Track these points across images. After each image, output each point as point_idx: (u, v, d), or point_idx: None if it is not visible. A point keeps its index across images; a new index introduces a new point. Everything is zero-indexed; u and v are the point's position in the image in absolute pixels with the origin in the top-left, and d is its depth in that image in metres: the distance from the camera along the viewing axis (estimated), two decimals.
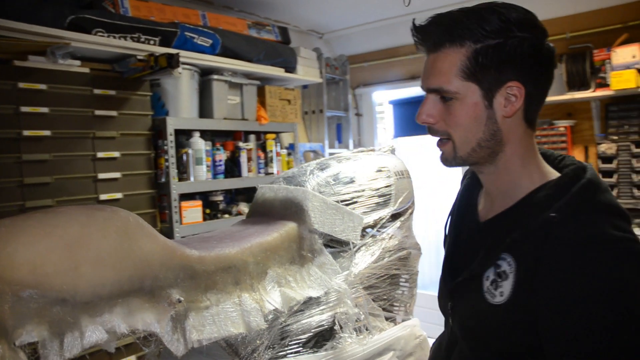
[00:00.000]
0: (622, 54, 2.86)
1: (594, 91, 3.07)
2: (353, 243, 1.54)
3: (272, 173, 3.12)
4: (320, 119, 4.05)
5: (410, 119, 4.47)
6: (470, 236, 1.00)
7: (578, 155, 3.29)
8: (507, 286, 0.84)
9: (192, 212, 2.58)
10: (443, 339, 1.08)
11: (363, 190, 1.62)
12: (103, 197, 2.24)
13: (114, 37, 2.20)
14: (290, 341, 1.32)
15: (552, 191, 0.84)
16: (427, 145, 4.48)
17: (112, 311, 1.00)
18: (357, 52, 4.33)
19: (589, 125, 3.27)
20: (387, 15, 3.82)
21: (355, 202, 1.59)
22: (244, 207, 2.95)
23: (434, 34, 0.88)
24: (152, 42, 2.35)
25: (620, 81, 2.86)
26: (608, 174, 3.08)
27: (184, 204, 2.54)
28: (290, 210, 1.49)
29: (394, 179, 1.71)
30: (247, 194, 3.16)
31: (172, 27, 2.42)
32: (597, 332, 0.74)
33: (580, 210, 0.80)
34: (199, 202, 2.63)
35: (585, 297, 0.75)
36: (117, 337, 1.00)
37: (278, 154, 3.18)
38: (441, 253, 1.10)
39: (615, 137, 3.07)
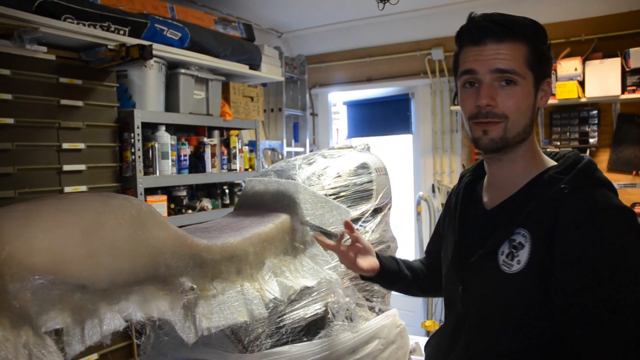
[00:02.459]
0: (566, 67, 3.11)
1: None
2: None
3: (235, 170, 3.12)
4: (278, 117, 4.07)
5: (364, 120, 4.59)
6: (477, 225, 1.10)
7: None
8: (524, 255, 0.95)
9: (158, 207, 2.53)
10: (447, 327, 1.14)
11: (348, 185, 1.67)
12: (67, 189, 2.15)
13: (84, 25, 2.12)
14: (288, 330, 1.35)
15: (560, 169, 0.99)
16: (378, 146, 4.61)
17: (128, 299, 0.99)
18: (314, 53, 4.39)
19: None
20: (347, 18, 3.91)
21: (342, 197, 1.64)
22: (207, 203, 2.92)
23: (496, 29, 0.97)
24: (121, 32, 2.29)
25: (564, 91, 3.10)
26: None
27: (150, 198, 2.49)
28: (281, 202, 1.52)
29: (375, 175, 1.78)
30: (208, 189, 3.13)
31: (142, 18, 2.37)
32: (602, 285, 0.87)
33: (586, 184, 0.95)
34: (164, 197, 2.59)
35: (596, 254, 0.88)
36: (133, 325, 1.00)
37: (241, 151, 3.18)
38: None
39: (558, 143, 3.32)
